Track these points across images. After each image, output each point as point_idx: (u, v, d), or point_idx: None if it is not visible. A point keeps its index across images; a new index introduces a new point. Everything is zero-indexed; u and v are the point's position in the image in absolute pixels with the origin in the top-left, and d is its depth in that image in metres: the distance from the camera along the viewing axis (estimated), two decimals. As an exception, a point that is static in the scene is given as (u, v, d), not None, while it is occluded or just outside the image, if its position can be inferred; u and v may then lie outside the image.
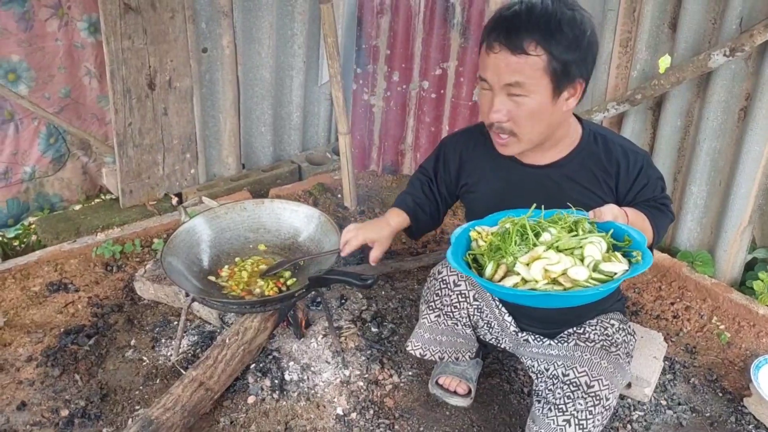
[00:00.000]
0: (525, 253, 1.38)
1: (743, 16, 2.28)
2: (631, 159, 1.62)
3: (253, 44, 3.07)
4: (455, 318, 1.86)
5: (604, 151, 1.64)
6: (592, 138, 1.66)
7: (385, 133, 3.41)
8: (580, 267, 1.32)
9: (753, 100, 2.36)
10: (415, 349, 1.91)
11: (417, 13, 3.13)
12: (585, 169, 1.64)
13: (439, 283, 1.85)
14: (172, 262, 2.02)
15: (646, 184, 1.62)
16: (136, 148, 2.85)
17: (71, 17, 2.71)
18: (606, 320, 1.78)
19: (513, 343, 1.84)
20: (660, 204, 1.61)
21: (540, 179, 1.65)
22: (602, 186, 1.63)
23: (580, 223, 1.43)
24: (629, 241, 1.41)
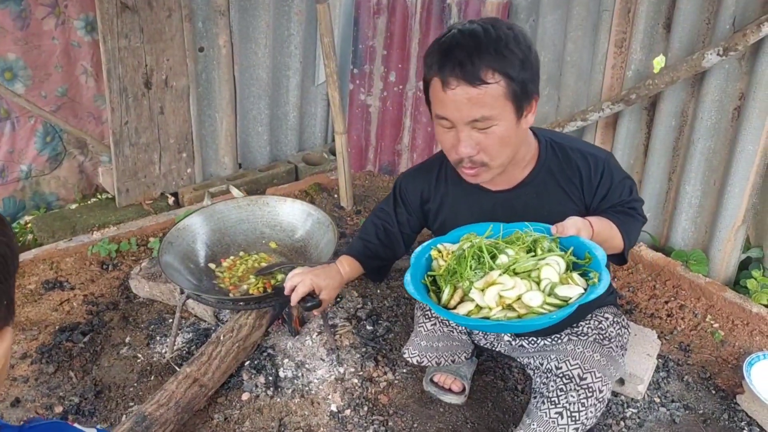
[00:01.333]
0: (480, 278, 1.35)
1: (736, 15, 2.29)
2: (591, 163, 1.59)
3: (250, 44, 3.08)
4: (451, 325, 1.87)
5: (564, 160, 1.60)
6: (550, 148, 1.62)
7: (382, 133, 3.42)
8: (535, 292, 1.29)
9: (746, 99, 2.37)
10: (412, 357, 1.91)
11: (413, 14, 3.14)
12: (550, 183, 1.61)
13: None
14: (168, 258, 2.03)
15: (610, 187, 1.59)
16: (133, 147, 2.86)
17: (68, 16, 2.72)
18: (600, 314, 1.79)
19: (507, 348, 1.86)
20: (628, 208, 1.59)
21: (510, 203, 1.62)
22: (571, 197, 1.61)
23: (539, 242, 1.41)
24: (590, 259, 1.39)
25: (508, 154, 1.50)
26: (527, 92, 1.42)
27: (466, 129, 1.43)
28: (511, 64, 1.37)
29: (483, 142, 1.45)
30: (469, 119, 1.41)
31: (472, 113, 1.40)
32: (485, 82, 1.37)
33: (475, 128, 1.43)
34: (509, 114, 1.42)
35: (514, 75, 1.38)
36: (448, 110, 1.42)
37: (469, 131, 1.43)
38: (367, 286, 2.54)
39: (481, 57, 1.36)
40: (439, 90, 1.42)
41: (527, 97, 1.43)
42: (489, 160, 1.48)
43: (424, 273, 1.50)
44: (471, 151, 1.46)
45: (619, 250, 1.57)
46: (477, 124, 1.42)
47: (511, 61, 1.37)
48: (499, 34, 1.38)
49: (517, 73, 1.38)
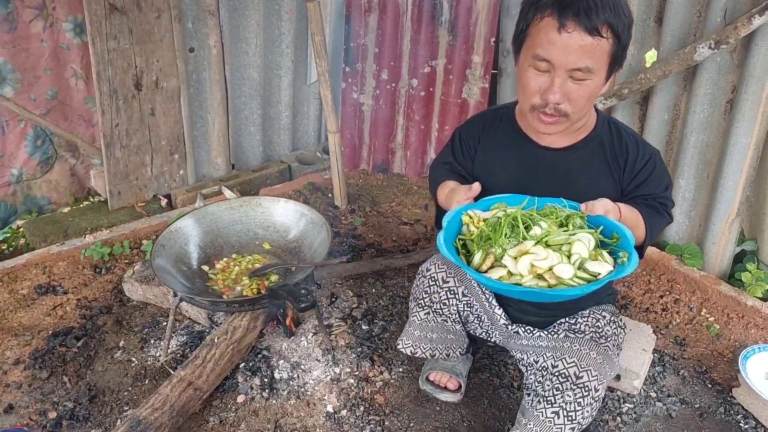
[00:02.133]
0: (514, 246, 1.38)
1: (727, 8, 2.29)
2: (640, 149, 1.62)
3: (241, 43, 3.06)
4: (444, 315, 1.86)
5: (616, 137, 1.64)
6: (606, 124, 1.66)
7: (375, 132, 3.41)
8: (566, 265, 1.32)
9: (739, 92, 2.36)
10: (406, 347, 1.91)
11: (405, 11, 3.13)
12: (597, 154, 1.63)
13: (428, 281, 1.85)
14: (161, 261, 2.02)
15: (648, 177, 1.61)
16: (124, 149, 2.84)
17: (56, 18, 2.70)
18: (598, 312, 1.78)
19: (503, 336, 1.84)
20: (658, 203, 1.60)
21: (554, 162, 1.64)
22: (612, 173, 1.63)
23: (571, 218, 1.44)
24: (618, 239, 1.41)
25: (587, 110, 1.54)
26: (623, 57, 1.48)
27: (563, 76, 1.44)
28: (623, 26, 1.42)
29: (574, 93, 1.46)
30: (573, 66, 1.42)
31: (579, 61, 1.41)
32: (601, 35, 1.39)
33: (572, 77, 1.44)
34: (603, 72, 1.46)
35: (623, 37, 1.43)
36: (554, 53, 1.42)
37: (566, 79, 1.45)
38: (362, 286, 2.54)
39: (604, 11, 1.39)
40: (551, 30, 1.41)
41: (619, 63, 1.49)
42: (572, 112, 1.50)
43: (455, 237, 1.50)
44: (560, 99, 1.47)
45: (639, 241, 1.58)
46: (576, 74, 1.43)
47: (624, 23, 1.42)
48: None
49: (625, 36, 1.44)
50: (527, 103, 1.53)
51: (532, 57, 1.46)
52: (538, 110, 1.52)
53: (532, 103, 1.52)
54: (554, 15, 1.40)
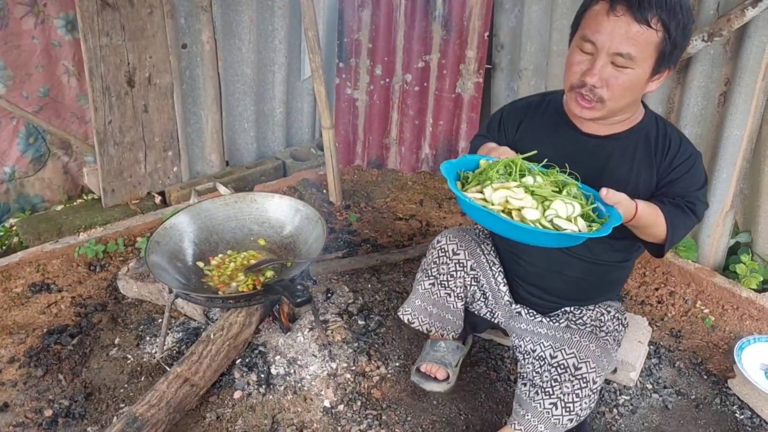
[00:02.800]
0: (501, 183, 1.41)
1: (720, 0, 2.29)
2: (682, 146, 1.62)
3: (234, 39, 3.05)
4: (449, 288, 1.85)
5: (662, 132, 1.64)
6: (654, 120, 1.66)
7: (369, 127, 3.40)
8: (536, 210, 1.35)
9: (732, 84, 2.37)
10: (405, 314, 1.92)
11: (398, 6, 3.12)
12: (640, 146, 1.63)
13: (438, 252, 1.85)
14: (156, 258, 2.01)
15: (684, 174, 1.59)
16: (117, 147, 2.83)
17: (47, 15, 2.68)
18: (604, 307, 1.79)
19: (505, 317, 1.84)
20: (686, 202, 1.58)
21: (595, 150, 1.64)
22: (652, 166, 1.62)
23: (568, 186, 1.45)
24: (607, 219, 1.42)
25: (625, 102, 1.53)
26: (671, 56, 1.48)
27: (605, 59, 1.46)
28: (676, 24, 1.42)
29: (612, 79, 1.47)
30: (615, 50, 1.44)
31: (622, 46, 1.43)
32: (648, 24, 1.41)
33: (613, 63, 1.46)
34: (648, 66, 1.46)
35: (673, 32, 1.43)
36: (601, 34, 1.44)
37: (606, 63, 1.46)
38: (358, 281, 2.53)
39: (657, 4, 1.40)
40: (601, 13, 1.44)
41: (669, 62, 1.48)
42: (608, 98, 1.50)
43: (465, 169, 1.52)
44: (597, 82, 1.48)
45: (659, 240, 1.57)
46: (618, 59, 1.45)
47: (678, 20, 1.42)
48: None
49: (675, 34, 1.43)
50: (567, 82, 1.55)
51: (580, 38, 1.50)
52: (575, 91, 1.53)
53: (571, 82, 1.53)
54: (608, 0, 1.44)
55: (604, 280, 1.78)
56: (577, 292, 1.78)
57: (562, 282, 1.76)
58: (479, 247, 1.86)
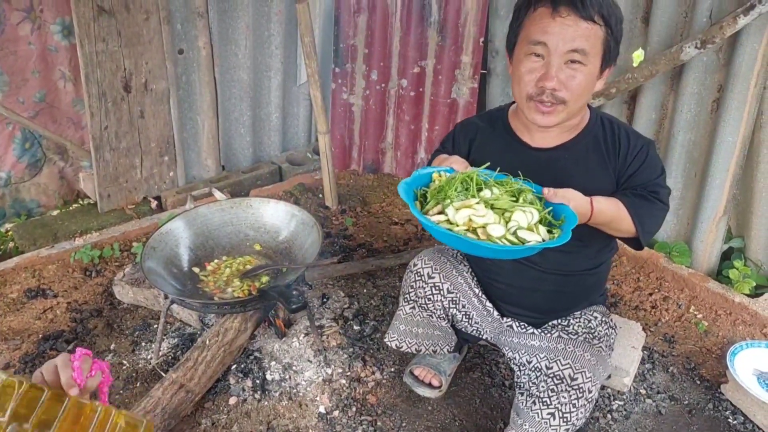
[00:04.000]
0: (461, 201, 1.43)
1: (713, 8, 2.31)
2: (632, 140, 1.63)
3: (230, 45, 3.05)
4: (430, 310, 1.87)
5: (609, 132, 1.65)
6: (599, 121, 1.67)
7: (365, 132, 3.42)
8: (500, 226, 1.37)
9: (725, 91, 2.39)
10: (392, 341, 1.93)
11: (394, 12, 3.14)
12: (591, 150, 1.64)
13: (414, 275, 1.86)
14: (151, 264, 2.02)
15: (640, 166, 1.61)
16: (113, 152, 2.83)
17: (44, 20, 2.68)
18: (590, 313, 1.80)
19: (495, 332, 1.85)
20: (649, 192, 1.60)
21: (548, 163, 1.65)
22: (606, 166, 1.63)
23: (524, 192, 1.46)
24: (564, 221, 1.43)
25: (582, 101, 1.56)
26: (614, 51, 1.52)
27: (559, 61, 1.48)
28: (615, 19, 1.49)
29: (569, 80, 1.50)
30: (569, 48, 1.46)
31: (575, 43, 1.46)
32: (593, 20, 1.46)
33: (567, 63, 1.49)
34: (598, 61, 1.51)
35: (614, 28, 1.49)
36: (551, 36, 1.47)
37: (561, 65, 1.49)
38: (354, 286, 2.54)
39: (595, 1, 1.46)
40: (545, 17, 1.48)
41: (611, 57, 1.53)
42: (570, 99, 1.52)
43: (421, 186, 1.54)
44: (557, 85, 1.50)
45: (631, 233, 1.58)
46: (573, 55, 1.47)
47: (616, 15, 1.49)
48: None
49: (615, 27, 1.49)
50: (523, 94, 1.55)
51: (528, 43, 1.50)
52: (534, 101, 1.53)
53: (528, 92, 1.53)
54: (548, 4, 1.48)
55: (581, 288, 1.78)
56: (557, 305, 1.79)
57: (540, 298, 1.77)
58: (455, 269, 1.85)
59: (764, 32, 2.23)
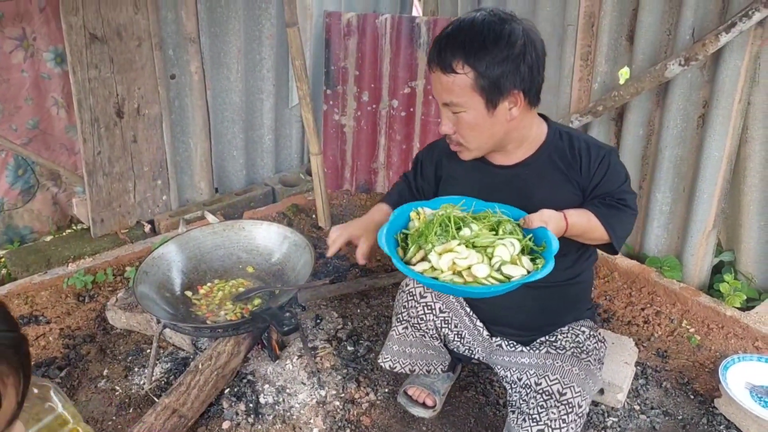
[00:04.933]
0: (442, 244, 1.45)
1: (695, 26, 2.36)
2: (593, 152, 1.65)
3: (222, 69, 3.09)
4: (422, 330, 1.88)
5: (568, 146, 1.67)
6: (557, 135, 1.69)
7: (357, 153, 3.44)
8: (483, 265, 1.39)
9: (710, 107, 2.42)
10: (385, 362, 1.93)
11: (383, 34, 3.18)
12: (551, 165, 1.66)
13: (406, 296, 1.87)
14: (143, 289, 2.02)
15: (604, 176, 1.63)
16: (106, 177, 2.85)
17: (37, 48, 2.71)
18: (577, 327, 1.80)
19: (486, 352, 1.86)
20: (617, 200, 1.62)
21: (509, 179, 1.68)
22: (569, 180, 1.65)
23: (502, 223, 1.49)
24: (545, 247, 1.45)
25: (483, 140, 1.60)
26: (499, 87, 1.50)
27: (444, 109, 1.58)
28: (483, 60, 1.47)
29: (457, 124, 1.58)
30: (442, 101, 1.56)
31: (443, 97, 1.55)
32: (455, 71, 1.50)
33: (450, 111, 1.57)
34: (478, 104, 1.53)
35: (482, 70, 1.48)
36: (434, 90, 1.59)
37: (447, 112, 1.58)
38: (347, 307, 2.54)
39: (455, 49, 1.49)
40: (430, 73, 1.58)
41: (499, 92, 1.51)
42: (464, 141, 1.61)
43: (400, 230, 1.57)
44: (448, 130, 1.60)
45: (604, 240, 1.60)
46: (450, 108, 1.56)
47: (482, 57, 1.47)
48: (486, 29, 1.48)
49: (488, 68, 1.48)
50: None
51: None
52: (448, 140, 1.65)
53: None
54: (429, 57, 1.57)
55: (565, 300, 1.79)
56: (542, 320, 1.79)
57: (524, 315, 1.77)
58: None
59: (746, 49, 2.27)
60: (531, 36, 1.51)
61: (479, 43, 1.47)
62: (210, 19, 2.92)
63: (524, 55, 1.49)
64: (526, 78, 1.51)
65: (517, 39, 1.48)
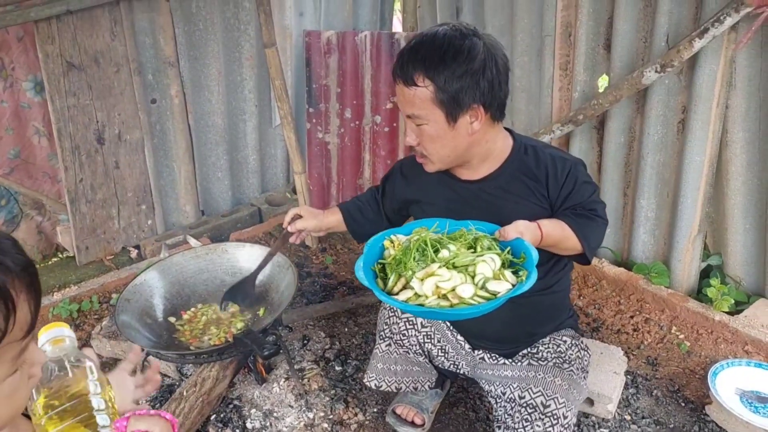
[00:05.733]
0: (422, 269, 1.43)
1: (669, 33, 2.36)
2: (558, 165, 1.65)
3: (203, 92, 3.09)
4: (406, 346, 1.86)
5: (533, 160, 1.67)
6: (523, 149, 1.69)
7: (342, 169, 3.43)
8: (468, 285, 1.38)
9: (689, 112, 2.43)
10: (370, 381, 1.91)
11: (363, 51, 3.18)
12: (517, 179, 1.67)
13: (388, 311, 1.87)
14: (125, 317, 2.00)
15: (573, 188, 1.63)
16: (89, 204, 2.83)
17: (16, 78, 2.71)
18: (558, 337, 1.79)
19: (470, 366, 1.84)
20: (588, 210, 1.62)
21: (476, 193, 1.69)
22: (535, 193, 1.65)
23: (479, 240, 1.48)
24: (525, 258, 1.44)
25: (446, 153, 1.61)
26: (459, 101, 1.52)
27: (408, 121, 1.61)
28: (443, 74, 1.49)
29: (420, 136, 1.61)
30: (405, 113, 1.60)
31: (406, 109, 1.58)
32: (415, 84, 1.52)
33: (413, 123, 1.59)
34: (439, 117, 1.54)
35: (441, 84, 1.50)
36: (398, 102, 1.63)
37: (411, 124, 1.60)
38: (335, 326, 2.53)
39: (416, 63, 1.51)
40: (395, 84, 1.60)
41: (460, 106, 1.52)
42: (427, 153, 1.63)
43: (376, 260, 1.55)
44: (412, 141, 1.63)
45: (578, 250, 1.60)
46: (413, 120, 1.58)
47: (441, 71, 1.49)
48: (447, 44, 1.50)
49: (447, 82, 1.49)
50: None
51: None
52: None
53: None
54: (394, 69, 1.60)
55: (540, 311, 1.78)
56: (519, 331, 1.78)
57: (500, 326, 1.76)
58: None
59: (721, 53, 2.28)
60: (492, 51, 1.51)
61: (439, 57, 1.49)
62: (188, 42, 2.92)
63: (484, 70, 1.49)
64: (486, 92, 1.52)
65: (477, 54, 1.48)
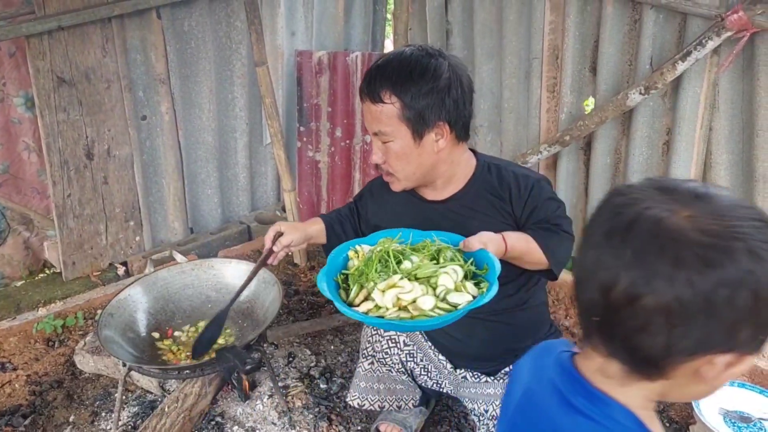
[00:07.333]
0: (384, 280, 1.43)
1: (653, 56, 2.41)
2: (521, 183, 1.66)
3: (194, 109, 3.11)
4: (389, 364, 1.86)
5: (497, 178, 1.69)
6: (486, 168, 1.71)
7: (333, 188, 3.45)
8: (428, 297, 1.38)
9: (673, 134, 2.46)
10: (353, 400, 1.90)
11: (354, 71, 3.22)
12: (481, 198, 1.68)
13: (370, 330, 1.86)
14: (108, 332, 1.99)
15: (537, 204, 1.64)
16: (77, 219, 2.83)
17: (6, 93, 2.72)
18: None
19: (453, 385, 1.84)
20: (553, 224, 1.63)
21: (443, 213, 1.70)
22: (500, 212, 1.67)
23: (442, 251, 1.48)
24: (488, 270, 1.44)
25: (411, 170, 1.63)
26: (424, 119, 1.55)
27: (374, 139, 1.63)
28: (409, 91, 1.53)
29: (386, 154, 1.63)
30: (372, 131, 1.62)
31: (372, 126, 1.61)
32: (382, 101, 1.55)
33: (379, 140, 1.61)
34: (405, 134, 1.57)
35: (408, 101, 1.53)
36: (365, 120, 1.64)
37: (377, 141, 1.62)
38: (321, 343, 2.51)
39: (383, 80, 1.55)
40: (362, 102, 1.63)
41: (426, 123, 1.56)
42: (393, 170, 1.65)
43: (339, 271, 1.54)
44: (378, 159, 1.65)
45: (544, 264, 1.60)
46: (380, 137, 1.60)
47: (412, 88, 1.53)
48: (414, 62, 1.54)
49: (413, 100, 1.53)
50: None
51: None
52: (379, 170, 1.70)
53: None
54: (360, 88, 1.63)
55: (516, 327, 1.77)
56: (497, 348, 1.78)
57: (478, 344, 1.76)
58: None
59: (704, 76, 2.32)
60: (457, 71, 1.56)
61: (406, 75, 1.52)
62: (180, 60, 2.95)
63: (449, 89, 1.54)
64: (451, 110, 1.55)
65: (442, 73, 1.53)
